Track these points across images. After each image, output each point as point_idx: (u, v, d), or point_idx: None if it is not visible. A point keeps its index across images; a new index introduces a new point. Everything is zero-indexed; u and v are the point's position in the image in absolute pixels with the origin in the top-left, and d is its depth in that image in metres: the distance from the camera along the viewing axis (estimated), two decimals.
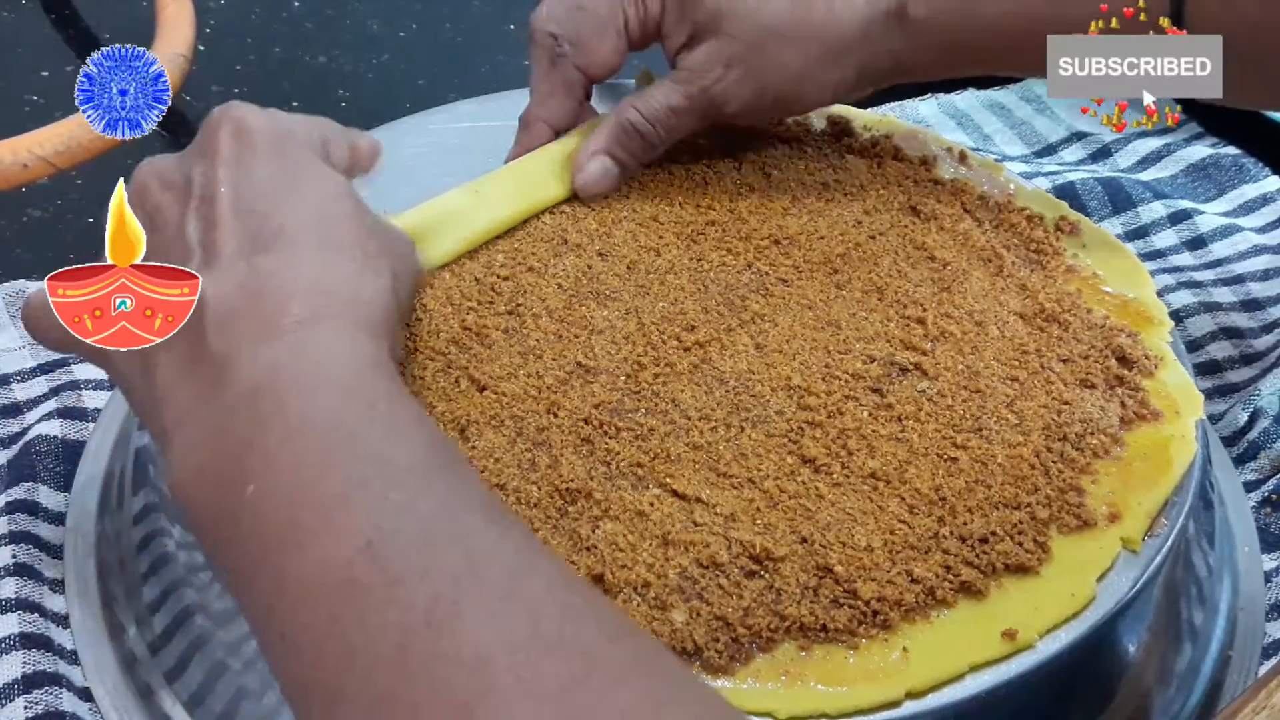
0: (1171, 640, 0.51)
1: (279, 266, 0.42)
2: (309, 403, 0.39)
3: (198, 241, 0.43)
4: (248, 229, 0.43)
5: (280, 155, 0.45)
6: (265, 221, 0.43)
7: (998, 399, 0.50)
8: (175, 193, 0.44)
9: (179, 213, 0.44)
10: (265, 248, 0.42)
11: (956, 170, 0.64)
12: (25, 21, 0.93)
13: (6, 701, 0.49)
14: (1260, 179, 0.80)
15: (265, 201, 0.43)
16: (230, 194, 0.43)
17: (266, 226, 0.43)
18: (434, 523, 0.36)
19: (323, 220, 0.44)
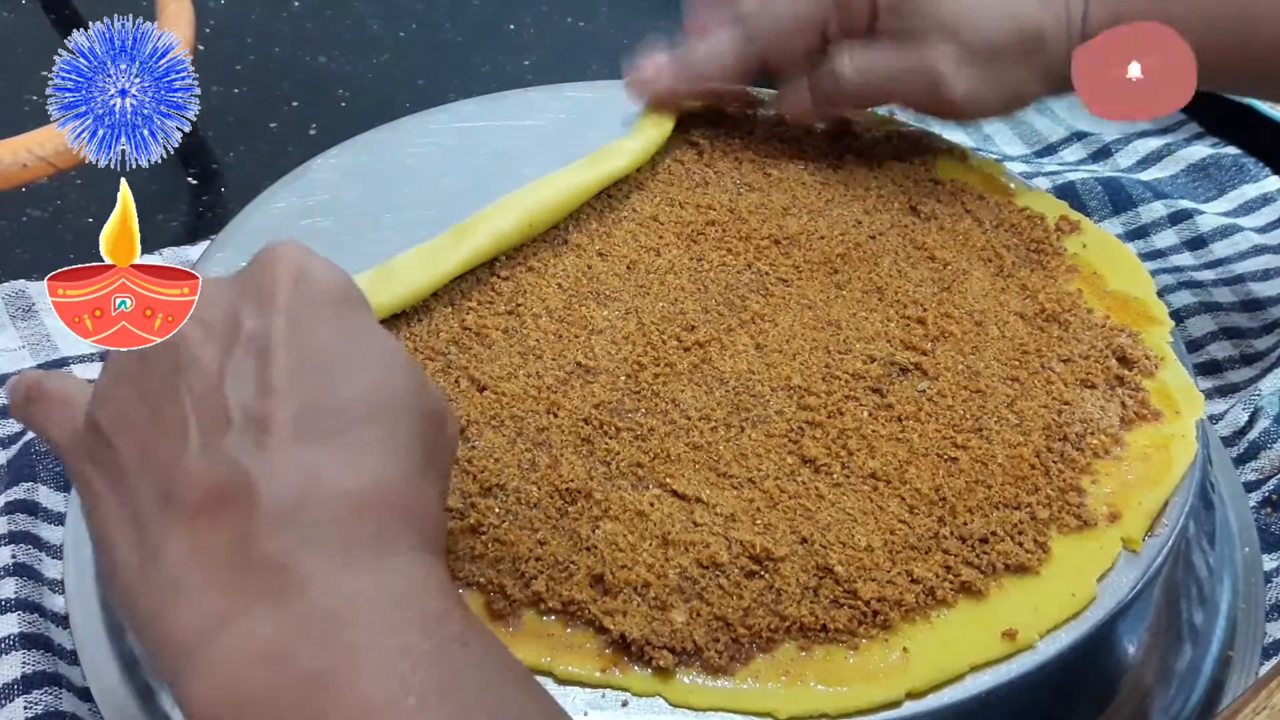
0: (1172, 640, 0.51)
1: (339, 465, 0.35)
2: (386, 649, 0.33)
3: (241, 407, 0.35)
4: (304, 405, 0.35)
5: (343, 316, 0.38)
6: (323, 398, 0.36)
7: (998, 399, 0.50)
8: (219, 342, 0.37)
9: (218, 362, 0.36)
10: (323, 435, 0.35)
11: (956, 170, 0.64)
12: (25, 21, 0.93)
13: (6, 702, 0.49)
14: (1260, 179, 0.80)
15: (326, 373, 0.36)
16: (289, 356, 0.36)
17: (324, 405, 0.36)
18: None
19: (385, 408, 0.37)
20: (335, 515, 0.35)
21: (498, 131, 0.64)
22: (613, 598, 0.42)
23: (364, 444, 0.36)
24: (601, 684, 0.41)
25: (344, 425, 0.36)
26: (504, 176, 0.59)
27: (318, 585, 0.34)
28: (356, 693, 0.32)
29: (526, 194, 0.56)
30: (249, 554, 0.34)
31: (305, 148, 0.75)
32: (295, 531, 0.34)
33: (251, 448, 0.35)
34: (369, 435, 0.36)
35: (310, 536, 0.34)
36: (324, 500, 0.35)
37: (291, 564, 0.34)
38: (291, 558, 0.34)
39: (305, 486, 0.35)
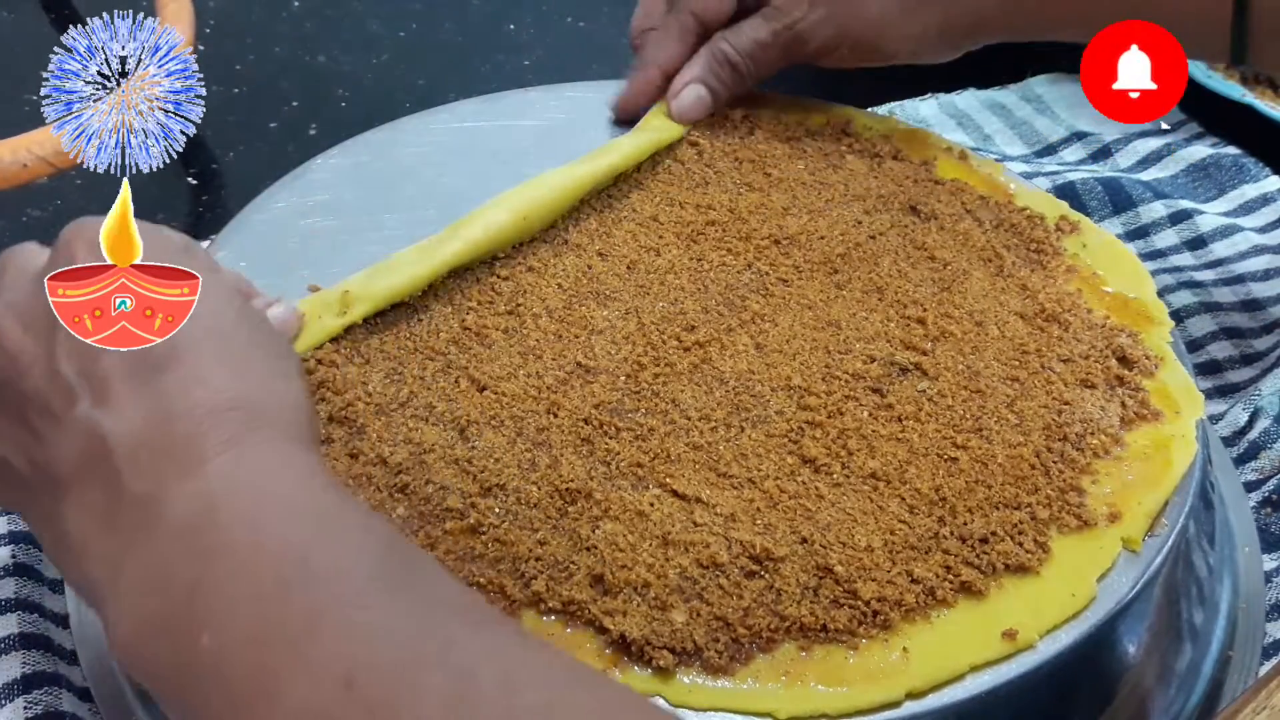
0: (1172, 640, 0.51)
1: (184, 385, 0.38)
2: (253, 533, 0.36)
3: (78, 376, 0.39)
4: (134, 352, 0.39)
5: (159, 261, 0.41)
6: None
7: (998, 399, 0.50)
8: (34, 328, 0.40)
9: (45, 351, 0.40)
10: (162, 367, 0.39)
11: (956, 170, 0.64)
12: (25, 21, 0.93)
13: (6, 702, 0.49)
14: (1260, 179, 0.80)
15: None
16: None
17: (156, 346, 0.39)
18: (412, 643, 0.34)
19: (216, 327, 0.41)
20: (185, 432, 0.37)
21: (498, 131, 0.64)
22: (613, 598, 0.42)
23: (201, 361, 0.39)
24: None
25: (181, 353, 0.39)
26: (504, 176, 0.59)
27: (175, 502, 0.36)
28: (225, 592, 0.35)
29: (523, 189, 0.56)
30: (121, 497, 0.37)
31: (305, 148, 0.75)
32: (154, 460, 0.37)
33: (97, 408, 0.38)
34: (205, 351, 0.39)
35: (168, 462, 0.37)
36: (174, 422, 0.38)
37: (153, 491, 0.37)
38: (153, 486, 0.37)
39: (151, 419, 0.38)
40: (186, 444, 0.37)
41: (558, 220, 0.57)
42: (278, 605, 0.34)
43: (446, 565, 0.43)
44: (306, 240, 0.57)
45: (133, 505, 0.37)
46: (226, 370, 0.40)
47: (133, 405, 0.38)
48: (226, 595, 0.35)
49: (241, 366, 0.40)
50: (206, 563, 0.35)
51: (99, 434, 0.38)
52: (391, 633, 0.34)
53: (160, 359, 0.39)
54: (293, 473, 0.38)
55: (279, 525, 0.36)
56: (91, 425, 0.38)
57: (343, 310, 0.51)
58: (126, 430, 0.38)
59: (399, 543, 0.38)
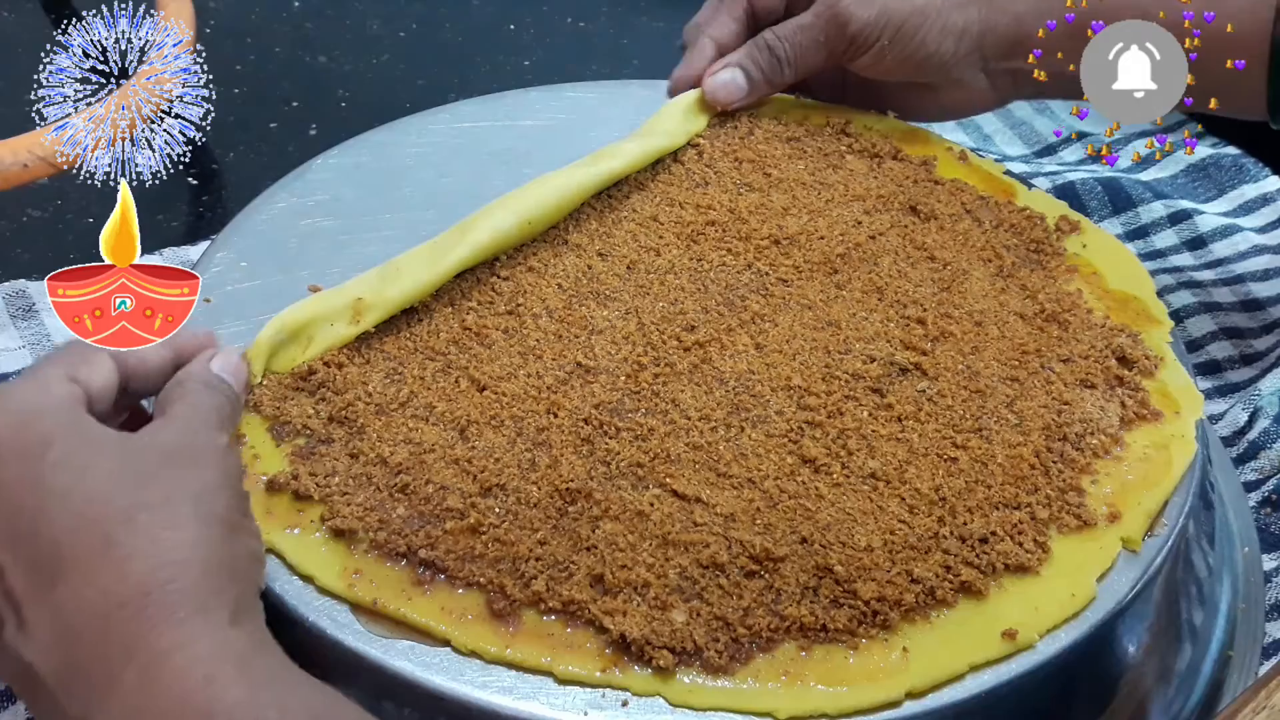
0: (1171, 640, 0.51)
1: (74, 593, 0.37)
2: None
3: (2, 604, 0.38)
4: (28, 561, 0.37)
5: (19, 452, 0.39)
6: (37, 543, 0.38)
7: (998, 399, 0.50)
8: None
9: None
10: (54, 575, 0.37)
11: (956, 170, 0.64)
12: (25, 21, 0.93)
13: (9, 703, 0.49)
14: (1260, 179, 0.80)
15: (25, 519, 0.38)
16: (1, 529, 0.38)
17: (41, 549, 0.37)
18: None
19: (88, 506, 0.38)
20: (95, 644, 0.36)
21: (498, 131, 0.64)
22: (613, 598, 0.42)
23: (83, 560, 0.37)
24: (601, 684, 0.41)
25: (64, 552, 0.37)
26: (504, 176, 0.59)
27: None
28: None
29: (526, 192, 0.56)
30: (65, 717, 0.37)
31: (305, 148, 0.75)
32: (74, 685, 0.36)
33: (17, 635, 0.37)
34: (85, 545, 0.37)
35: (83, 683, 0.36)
36: (79, 639, 0.36)
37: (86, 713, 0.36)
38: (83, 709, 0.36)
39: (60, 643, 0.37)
40: (94, 660, 0.36)
41: (558, 221, 0.57)
42: None
43: (447, 565, 0.43)
44: (306, 240, 0.57)
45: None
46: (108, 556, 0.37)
47: (43, 627, 0.37)
48: None
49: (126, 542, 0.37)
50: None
51: (26, 663, 0.37)
52: None
53: (50, 565, 0.37)
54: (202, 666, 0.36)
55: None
56: (18, 653, 0.37)
57: (355, 319, 0.50)
58: (46, 657, 0.37)
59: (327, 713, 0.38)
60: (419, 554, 0.43)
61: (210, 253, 0.57)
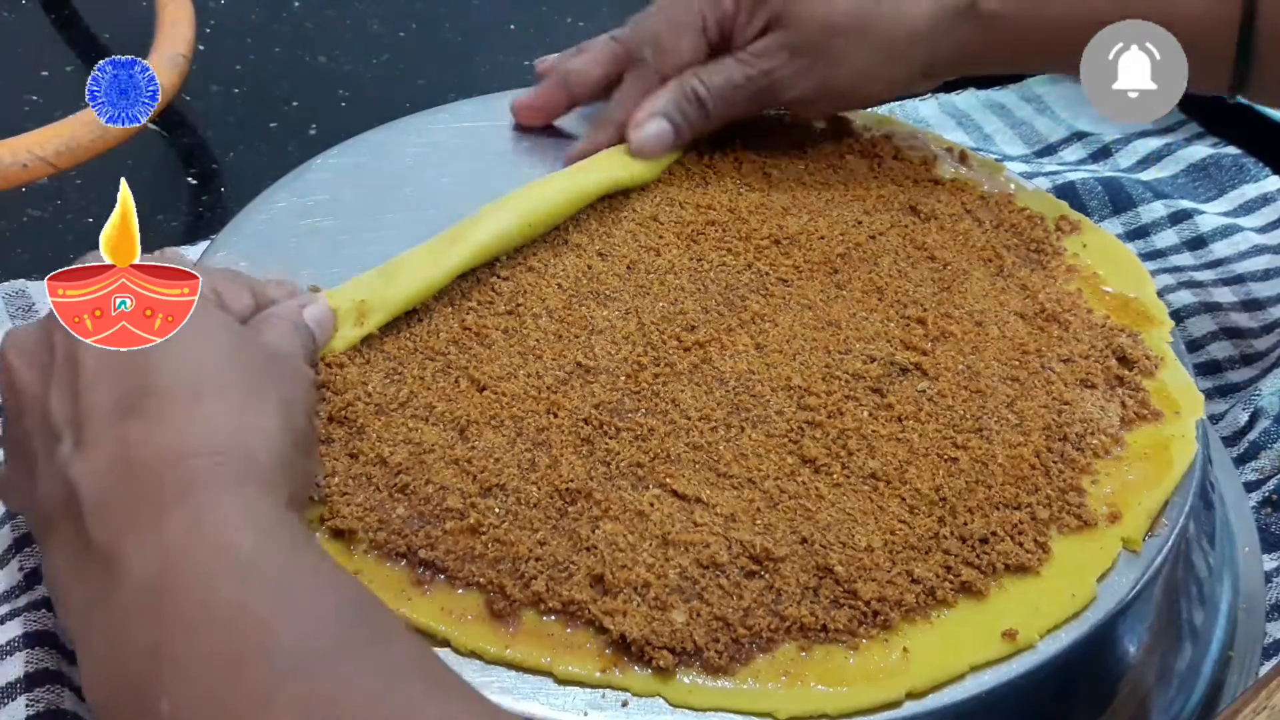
0: (1172, 640, 0.51)
1: (148, 432, 0.38)
2: (209, 595, 0.35)
3: (66, 420, 0.39)
4: (115, 392, 0.39)
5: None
6: (131, 377, 0.39)
7: (998, 399, 0.50)
8: (39, 369, 0.41)
9: (44, 389, 0.40)
10: (133, 410, 0.38)
11: (956, 170, 0.64)
12: (25, 21, 0.93)
13: (9, 700, 0.49)
14: (1260, 179, 0.80)
15: (130, 355, 0.39)
16: (93, 354, 0.39)
17: (133, 383, 0.39)
18: (370, 710, 0.33)
19: (196, 364, 0.40)
20: (148, 481, 0.37)
21: (498, 131, 0.64)
22: (613, 598, 0.42)
23: (169, 405, 0.38)
24: (601, 684, 0.41)
25: (153, 397, 0.38)
26: (504, 176, 0.59)
27: (132, 558, 0.36)
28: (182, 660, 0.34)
29: (529, 192, 0.56)
30: (87, 548, 0.37)
31: (305, 148, 0.75)
32: (114, 512, 0.37)
33: (73, 453, 0.38)
34: (176, 394, 0.39)
35: (127, 516, 0.37)
36: (135, 471, 0.37)
37: (114, 543, 0.36)
38: (114, 538, 0.36)
39: (119, 467, 0.37)
40: (144, 495, 0.37)
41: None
42: (234, 675, 0.34)
43: (446, 565, 0.43)
44: (306, 240, 0.57)
45: (97, 556, 0.37)
46: (195, 412, 0.39)
47: (101, 451, 0.38)
48: (183, 663, 0.34)
49: (212, 407, 0.39)
50: (163, 628, 0.35)
51: (72, 481, 0.38)
52: (349, 698, 0.33)
53: (133, 400, 0.38)
54: (253, 528, 0.37)
55: (236, 590, 0.35)
56: (66, 471, 0.38)
57: (359, 320, 0.51)
58: (93, 478, 0.37)
59: (359, 603, 0.38)
60: (418, 554, 0.43)
61: (210, 253, 0.57)
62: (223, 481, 0.37)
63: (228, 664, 0.34)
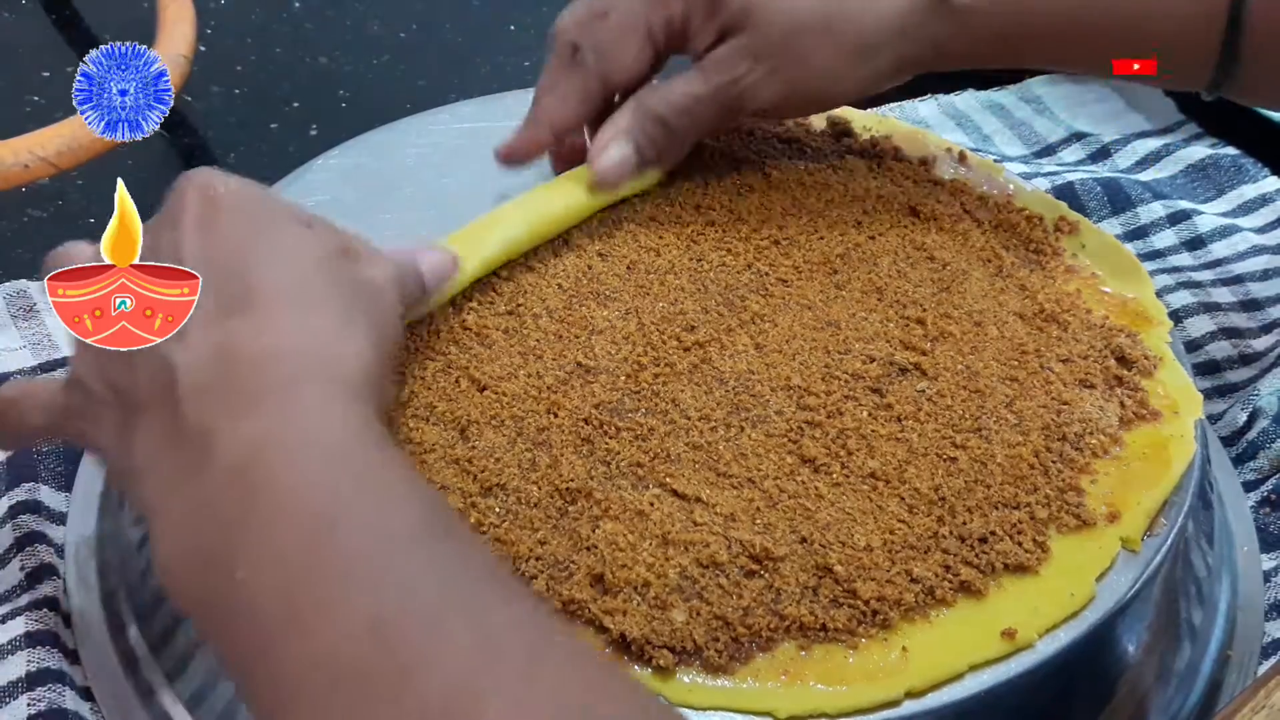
0: (1171, 640, 0.51)
1: (252, 329, 0.39)
2: (296, 476, 0.36)
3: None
4: (217, 290, 0.40)
5: (252, 213, 0.43)
6: (235, 281, 0.40)
7: (997, 399, 0.50)
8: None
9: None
10: (237, 309, 0.40)
11: (956, 170, 0.64)
12: (25, 21, 0.93)
13: (10, 699, 0.49)
14: (1259, 179, 0.80)
15: (235, 260, 0.41)
16: (197, 254, 0.41)
17: (237, 286, 0.40)
18: (442, 600, 0.34)
19: (297, 278, 0.42)
20: (248, 372, 0.38)
21: (498, 131, 0.64)
22: (613, 597, 0.42)
23: (273, 308, 0.40)
24: None
25: (256, 298, 0.40)
26: (504, 176, 0.59)
27: (226, 439, 0.37)
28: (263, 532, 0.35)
29: (535, 202, 0.56)
30: (180, 429, 0.38)
31: (305, 148, 0.75)
32: (212, 396, 0.38)
33: (174, 342, 0.39)
34: (279, 299, 0.40)
35: (225, 400, 0.38)
36: (237, 362, 0.39)
37: (209, 425, 0.37)
38: (209, 420, 0.38)
39: (220, 356, 0.39)
40: (243, 384, 0.38)
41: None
42: (313, 550, 0.35)
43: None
44: None
45: (190, 437, 0.38)
46: (296, 318, 0.40)
47: (203, 344, 0.39)
48: (264, 535, 0.35)
49: (312, 317, 0.41)
50: (247, 504, 0.36)
51: (170, 365, 0.39)
52: (423, 587, 0.34)
53: (237, 301, 0.40)
54: (343, 423, 0.38)
55: (322, 474, 0.37)
56: (166, 358, 0.39)
57: None
58: (190, 362, 0.39)
59: (440, 507, 0.39)
60: None
61: None
62: (318, 380, 0.39)
63: (307, 540, 0.35)
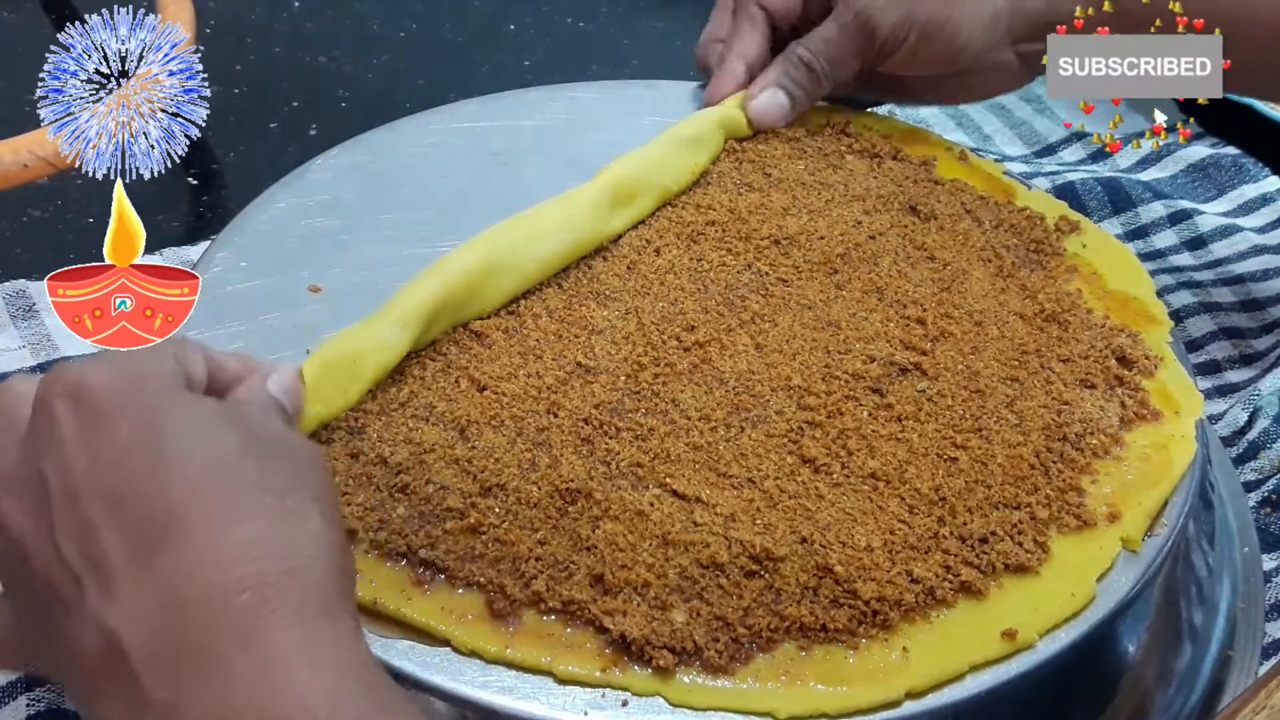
0: (1171, 640, 0.51)
1: (187, 567, 0.34)
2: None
3: (83, 564, 0.34)
4: (134, 524, 0.34)
5: (135, 410, 0.36)
6: (149, 505, 0.34)
7: (998, 399, 0.50)
8: (29, 503, 0.36)
9: (45, 530, 0.35)
10: (163, 544, 0.34)
11: (956, 170, 0.64)
12: (25, 21, 0.93)
13: (9, 699, 0.49)
14: (1260, 179, 0.80)
15: (140, 478, 0.35)
16: (93, 483, 0.35)
17: (151, 513, 0.34)
18: None
19: (217, 478, 0.35)
20: (197, 630, 0.33)
21: (498, 131, 0.64)
22: (613, 597, 0.42)
23: (200, 529, 0.34)
24: (601, 684, 0.41)
25: (172, 523, 0.34)
26: (504, 176, 0.59)
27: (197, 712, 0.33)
28: None
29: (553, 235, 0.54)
30: (145, 704, 0.33)
31: (305, 148, 0.75)
32: (168, 666, 0.33)
33: (104, 600, 0.34)
34: (204, 514, 0.35)
35: (181, 664, 0.33)
36: (182, 620, 0.34)
37: (175, 700, 0.33)
38: (174, 694, 0.33)
39: (161, 616, 0.34)
40: (200, 643, 0.33)
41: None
42: None
43: (447, 565, 0.43)
44: (306, 240, 0.57)
45: (157, 715, 0.33)
46: (233, 535, 0.34)
47: (139, 598, 0.34)
48: None
49: (250, 524, 0.35)
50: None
51: (111, 632, 0.34)
52: None
53: (160, 531, 0.34)
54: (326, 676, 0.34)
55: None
56: (102, 622, 0.34)
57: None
58: (138, 630, 0.34)
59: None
60: (419, 554, 0.43)
61: (210, 253, 0.57)
62: (284, 617, 0.34)
63: None
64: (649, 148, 0.60)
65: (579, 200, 0.56)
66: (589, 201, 0.56)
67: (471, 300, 0.51)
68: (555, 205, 0.55)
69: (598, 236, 0.56)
